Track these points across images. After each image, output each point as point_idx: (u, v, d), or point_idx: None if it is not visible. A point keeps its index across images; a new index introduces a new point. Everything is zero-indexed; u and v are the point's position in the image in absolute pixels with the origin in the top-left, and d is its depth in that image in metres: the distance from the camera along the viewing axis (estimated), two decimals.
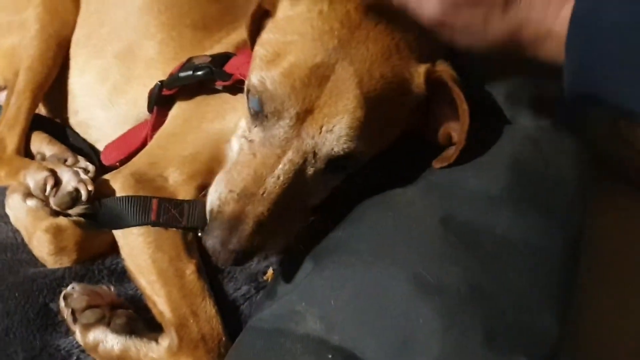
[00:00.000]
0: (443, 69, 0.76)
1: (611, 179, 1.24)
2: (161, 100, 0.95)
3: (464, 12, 0.66)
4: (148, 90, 1.00)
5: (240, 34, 1.00)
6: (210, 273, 0.84)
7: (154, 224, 0.82)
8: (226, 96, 0.91)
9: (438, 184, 0.76)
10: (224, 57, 0.92)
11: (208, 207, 0.75)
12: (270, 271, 0.85)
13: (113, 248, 0.85)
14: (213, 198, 0.74)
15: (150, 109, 0.97)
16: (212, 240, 0.71)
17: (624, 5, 0.60)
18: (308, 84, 0.70)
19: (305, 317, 0.69)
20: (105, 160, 0.99)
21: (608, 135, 1.31)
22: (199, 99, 0.94)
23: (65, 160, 0.99)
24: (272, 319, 0.71)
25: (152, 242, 0.81)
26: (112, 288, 0.79)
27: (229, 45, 0.98)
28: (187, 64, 0.93)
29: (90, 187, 0.84)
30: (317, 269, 0.72)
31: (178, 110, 0.95)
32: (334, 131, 0.71)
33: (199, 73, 0.90)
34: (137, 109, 1.04)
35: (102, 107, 1.09)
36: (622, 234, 1.18)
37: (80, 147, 1.08)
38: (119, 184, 0.86)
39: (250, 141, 0.75)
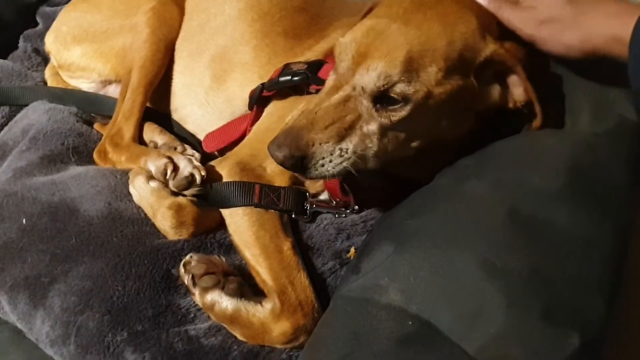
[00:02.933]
0: (511, 48, 0.90)
1: None
2: (261, 100, 1.09)
3: (543, 28, 0.86)
4: (243, 90, 1.14)
5: (328, 42, 1.13)
6: (301, 250, 0.98)
7: (256, 206, 0.96)
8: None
9: (505, 181, 0.87)
10: (318, 64, 1.05)
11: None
12: (352, 250, 0.98)
13: (221, 224, 0.99)
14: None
15: (250, 107, 1.11)
16: (272, 144, 0.87)
17: None
18: (366, 36, 0.89)
19: (388, 290, 0.79)
20: (207, 148, 1.14)
21: None
22: (293, 99, 1.07)
23: (175, 148, 1.14)
24: (359, 290, 0.83)
25: (256, 221, 0.95)
26: (223, 258, 0.93)
27: (319, 52, 1.11)
28: (285, 70, 1.06)
29: (203, 173, 0.99)
30: (397, 250, 0.83)
31: (274, 108, 1.09)
32: (376, 70, 0.86)
33: (297, 78, 1.04)
34: (232, 107, 1.18)
35: (199, 105, 1.22)
36: None
37: (184, 137, 1.23)
38: (226, 170, 1.00)
39: (327, 83, 0.92)
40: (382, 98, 0.87)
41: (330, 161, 0.87)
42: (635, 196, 0.92)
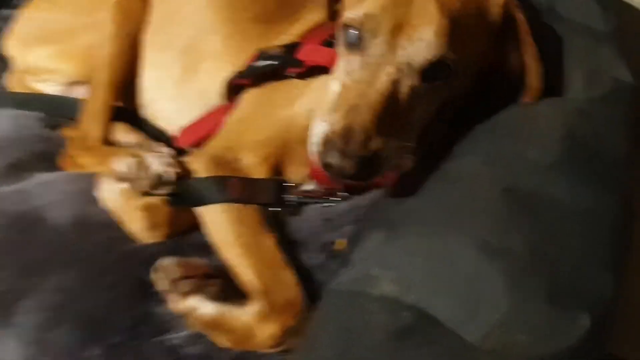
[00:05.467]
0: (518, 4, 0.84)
1: None
2: (237, 89, 1.03)
3: None
4: (216, 81, 1.08)
5: (303, 24, 1.08)
6: (286, 245, 0.91)
7: (233, 201, 0.90)
8: (296, 82, 0.98)
9: (499, 156, 0.81)
10: (295, 46, 1.00)
11: (319, 138, 0.79)
12: (340, 241, 0.92)
13: (197, 224, 0.93)
14: (321, 125, 0.80)
15: (227, 97, 1.05)
16: (332, 157, 0.77)
17: None
18: (397, 4, 0.80)
19: (380, 280, 0.74)
20: (182, 143, 1.07)
21: None
22: (270, 86, 1.01)
23: (147, 147, 1.08)
24: (350, 282, 0.77)
25: (234, 218, 0.89)
26: (202, 260, 0.87)
27: (294, 35, 1.06)
28: (261, 55, 1.00)
29: (175, 170, 0.93)
30: (389, 238, 0.78)
31: (249, 96, 1.03)
32: (423, 39, 0.78)
33: (273, 62, 0.97)
34: (205, 99, 1.11)
35: (171, 99, 1.16)
36: None
37: (155, 134, 1.17)
38: (201, 166, 0.94)
39: (349, 72, 0.82)
40: (430, 73, 0.80)
41: (392, 161, 0.80)
42: (636, 162, 0.88)
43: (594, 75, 0.90)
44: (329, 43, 0.99)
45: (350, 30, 0.82)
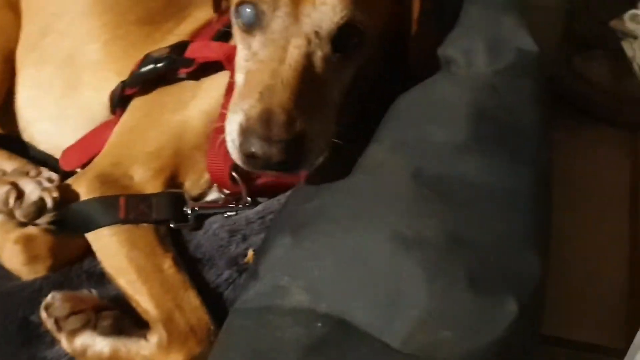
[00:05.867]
0: None
1: (572, 115, 1.28)
2: (123, 101, 0.94)
3: None
4: (100, 94, 0.99)
5: (191, 22, 1.00)
6: (190, 263, 0.83)
7: (123, 222, 0.81)
8: (187, 83, 0.90)
9: (405, 141, 0.76)
10: (183, 45, 0.92)
11: (234, 126, 0.71)
12: (250, 252, 0.84)
13: (89, 251, 0.84)
14: (235, 116, 0.71)
15: (113, 111, 0.96)
16: (254, 144, 0.68)
17: None
18: None
19: (290, 291, 0.68)
20: (66, 166, 0.97)
21: (566, 73, 1.33)
22: (158, 91, 0.93)
23: (28, 173, 0.97)
24: (258, 297, 0.70)
25: (126, 241, 0.80)
26: (94, 291, 0.78)
27: (182, 35, 0.98)
28: (146, 59, 0.92)
29: (54, 195, 0.83)
30: (296, 241, 0.71)
31: (137, 104, 0.94)
32: (327, 2, 0.72)
33: (160, 65, 0.89)
34: (90, 115, 1.02)
35: (51, 119, 1.06)
36: (587, 164, 1.23)
37: (42, 159, 1.06)
38: (84, 187, 0.84)
39: (253, 54, 0.74)
40: (340, 41, 0.73)
41: (320, 143, 0.72)
42: (548, 134, 0.84)
43: (497, 46, 0.86)
44: (221, 37, 0.93)
45: (246, 9, 0.75)
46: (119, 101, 0.95)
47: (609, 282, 1.06)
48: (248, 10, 0.74)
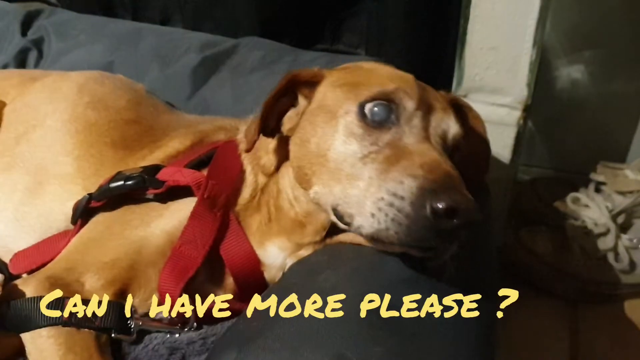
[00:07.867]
0: None
1: (515, 285, 1.32)
2: (87, 212, 0.95)
3: None
4: (64, 204, 1.00)
5: (164, 150, 1.05)
6: None
7: (65, 324, 0.78)
8: (154, 204, 0.92)
9: (359, 269, 0.79)
10: (156, 168, 0.95)
11: (405, 192, 0.72)
12: None
13: (22, 353, 0.79)
14: (397, 187, 0.72)
15: (74, 221, 0.96)
16: (453, 195, 0.68)
17: None
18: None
19: None
20: (14, 269, 0.94)
21: (513, 244, 1.40)
22: (124, 207, 0.94)
23: None
24: None
25: (63, 344, 0.76)
26: None
27: (155, 161, 1.01)
28: (118, 176, 0.94)
29: None
30: (240, 356, 0.70)
31: (100, 217, 0.94)
32: (450, 118, 0.84)
33: (131, 182, 0.92)
34: (48, 223, 1.02)
35: (6, 223, 1.05)
36: (528, 333, 1.27)
37: None
38: (32, 287, 0.81)
39: (377, 149, 0.79)
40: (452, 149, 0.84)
41: None
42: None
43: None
44: (195, 165, 0.97)
45: (377, 106, 0.81)
46: (82, 212, 0.96)
47: None
48: (381, 107, 0.81)
